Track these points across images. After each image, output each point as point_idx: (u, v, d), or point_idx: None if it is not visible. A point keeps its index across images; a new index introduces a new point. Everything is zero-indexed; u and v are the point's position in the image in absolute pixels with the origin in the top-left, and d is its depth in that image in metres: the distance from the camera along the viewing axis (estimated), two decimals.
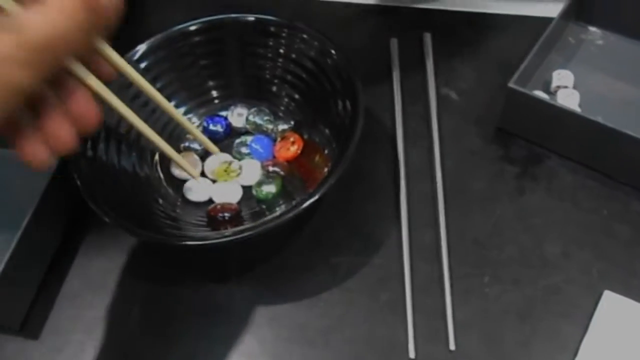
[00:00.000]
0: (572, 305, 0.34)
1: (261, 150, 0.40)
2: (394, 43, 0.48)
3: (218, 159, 0.40)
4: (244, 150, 0.41)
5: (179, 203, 0.39)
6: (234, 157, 0.40)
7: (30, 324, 0.36)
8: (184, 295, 0.37)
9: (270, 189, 0.38)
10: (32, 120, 0.25)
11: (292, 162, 0.40)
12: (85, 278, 0.38)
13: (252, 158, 0.40)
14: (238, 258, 0.38)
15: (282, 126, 0.41)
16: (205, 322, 0.36)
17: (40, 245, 0.37)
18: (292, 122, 0.41)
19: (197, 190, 0.39)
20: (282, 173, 0.39)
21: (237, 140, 0.41)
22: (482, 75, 0.45)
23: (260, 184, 0.39)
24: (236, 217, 0.37)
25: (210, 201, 0.39)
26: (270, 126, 0.41)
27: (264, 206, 0.38)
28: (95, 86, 0.26)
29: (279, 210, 0.36)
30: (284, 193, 0.38)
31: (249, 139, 0.41)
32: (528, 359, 0.33)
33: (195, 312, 0.36)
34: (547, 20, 0.42)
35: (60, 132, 0.25)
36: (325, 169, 0.36)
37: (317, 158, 0.38)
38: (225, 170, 0.39)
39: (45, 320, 0.36)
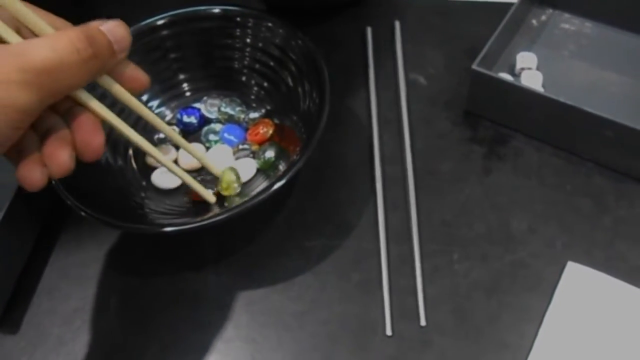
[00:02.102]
0: (537, 278, 0.35)
1: (235, 139, 0.41)
2: (368, 32, 0.48)
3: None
4: (212, 137, 0.41)
5: (154, 193, 0.39)
6: (204, 145, 0.41)
7: (9, 319, 0.37)
8: (161, 284, 0.37)
9: (270, 154, 0.39)
10: (35, 142, 0.26)
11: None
12: (62, 272, 0.38)
13: (222, 144, 0.41)
14: (213, 246, 0.39)
15: (253, 114, 0.41)
16: (183, 310, 0.36)
17: (17, 240, 0.37)
18: (263, 111, 0.41)
19: (165, 178, 0.39)
20: (253, 148, 0.40)
21: (205, 128, 0.41)
22: (449, 60, 0.46)
23: (259, 154, 0.39)
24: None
25: (180, 188, 0.39)
26: (242, 116, 0.42)
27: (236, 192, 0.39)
28: (98, 109, 0.27)
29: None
30: (283, 155, 0.39)
31: (218, 127, 0.41)
32: (496, 331, 0.34)
33: (172, 300, 0.37)
34: (511, 5, 0.43)
35: (59, 156, 0.26)
36: (294, 154, 0.36)
37: (289, 138, 0.39)
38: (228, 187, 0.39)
39: (24, 315, 0.37)
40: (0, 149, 0.24)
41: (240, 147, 0.40)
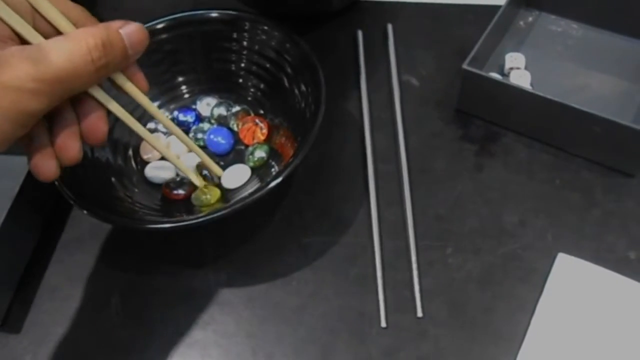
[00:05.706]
0: (529, 269, 0.36)
1: (223, 141, 0.41)
2: (359, 35, 0.50)
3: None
4: (200, 136, 0.42)
5: (152, 190, 0.40)
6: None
7: (11, 319, 0.37)
8: (162, 282, 0.38)
9: (260, 154, 0.40)
10: (44, 129, 0.27)
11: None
12: (64, 272, 0.39)
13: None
14: (212, 243, 0.39)
15: (236, 108, 0.42)
16: (183, 308, 0.37)
17: (19, 241, 0.38)
18: (245, 106, 0.43)
19: (158, 173, 0.40)
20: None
21: (194, 127, 0.42)
22: (440, 61, 0.48)
23: (251, 153, 0.40)
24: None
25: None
26: (233, 120, 0.42)
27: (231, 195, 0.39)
28: (102, 98, 0.28)
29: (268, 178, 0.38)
30: (274, 155, 0.40)
31: (206, 127, 0.42)
32: (490, 321, 0.35)
33: (173, 298, 0.37)
34: (499, 8, 0.44)
35: (70, 149, 0.27)
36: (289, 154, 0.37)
37: (284, 138, 0.40)
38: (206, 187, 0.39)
39: (26, 315, 0.37)
40: (6, 144, 0.24)
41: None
